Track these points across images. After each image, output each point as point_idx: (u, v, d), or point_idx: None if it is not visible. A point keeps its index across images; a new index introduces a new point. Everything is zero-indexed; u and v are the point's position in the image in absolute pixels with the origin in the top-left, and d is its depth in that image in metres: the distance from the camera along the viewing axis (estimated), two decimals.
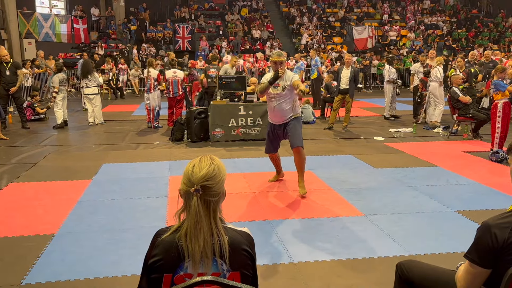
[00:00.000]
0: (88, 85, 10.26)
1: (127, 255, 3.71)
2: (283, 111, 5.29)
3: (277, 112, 5.33)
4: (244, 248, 1.70)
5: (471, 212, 4.72)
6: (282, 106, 5.28)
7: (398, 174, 6.20)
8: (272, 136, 5.54)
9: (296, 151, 5.23)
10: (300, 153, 5.22)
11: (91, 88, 10.28)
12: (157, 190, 5.46)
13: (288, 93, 5.24)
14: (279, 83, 5.22)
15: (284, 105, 5.27)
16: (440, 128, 9.62)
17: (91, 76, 10.25)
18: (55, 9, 22.94)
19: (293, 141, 5.24)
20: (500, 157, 6.89)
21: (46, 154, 7.40)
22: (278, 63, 5.16)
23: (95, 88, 10.33)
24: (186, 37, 20.84)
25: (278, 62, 5.17)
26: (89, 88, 10.28)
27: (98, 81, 10.59)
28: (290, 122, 5.31)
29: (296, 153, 5.24)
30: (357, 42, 21.90)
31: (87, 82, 10.24)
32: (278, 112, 5.32)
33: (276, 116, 5.37)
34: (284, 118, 5.33)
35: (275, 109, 5.34)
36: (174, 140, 8.44)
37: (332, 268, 3.51)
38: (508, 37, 24.06)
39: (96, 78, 10.45)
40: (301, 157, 5.24)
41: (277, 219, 4.55)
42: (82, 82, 10.37)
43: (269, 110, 5.50)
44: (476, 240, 1.86)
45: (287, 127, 5.32)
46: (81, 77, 10.38)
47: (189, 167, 1.69)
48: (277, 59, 5.18)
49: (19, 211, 4.76)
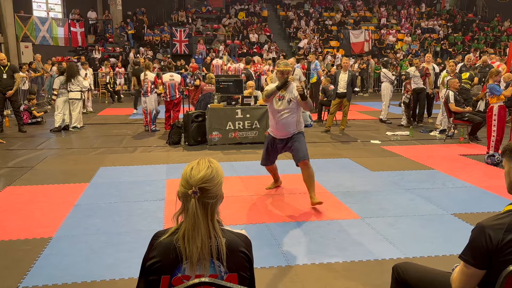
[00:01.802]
0: (72, 89, 9.91)
1: (124, 258, 3.71)
2: (287, 125, 4.99)
3: (280, 126, 5.02)
4: (242, 250, 1.71)
5: (467, 214, 4.75)
6: (286, 121, 4.97)
7: (394, 177, 6.22)
8: (271, 149, 5.26)
9: (304, 165, 4.87)
10: (308, 166, 4.88)
11: (73, 93, 9.93)
12: (154, 194, 5.46)
13: (294, 106, 4.94)
14: (284, 95, 4.94)
15: (288, 119, 4.96)
16: (436, 131, 9.66)
17: (74, 80, 9.91)
18: (52, 13, 22.95)
19: (298, 154, 4.90)
20: (496, 160, 6.92)
21: (43, 157, 7.39)
22: (285, 73, 4.93)
23: (77, 93, 9.98)
24: (183, 40, 20.87)
25: (285, 72, 4.93)
26: (71, 93, 9.91)
27: (83, 85, 10.26)
28: (294, 136, 5.02)
29: (303, 168, 4.89)
30: (354, 46, 21.99)
31: (71, 86, 9.89)
32: (281, 127, 5.01)
33: (279, 130, 5.06)
34: (287, 133, 5.04)
35: (279, 123, 5.01)
36: (171, 143, 8.45)
37: (329, 271, 3.52)
38: (503, 41, 24.19)
39: (80, 82, 10.10)
40: (310, 171, 4.89)
41: (274, 222, 4.56)
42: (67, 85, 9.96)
43: (272, 123, 5.14)
44: (471, 241, 1.88)
45: (290, 142, 5.03)
46: (65, 81, 9.95)
47: (187, 169, 1.71)
48: (284, 68, 4.94)
49: (16, 215, 4.75)
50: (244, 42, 22.80)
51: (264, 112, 8.35)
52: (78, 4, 22.93)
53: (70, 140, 9.04)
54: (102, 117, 12.17)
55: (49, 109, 11.70)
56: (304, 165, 4.87)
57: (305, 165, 4.86)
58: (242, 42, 22.77)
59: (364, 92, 19.11)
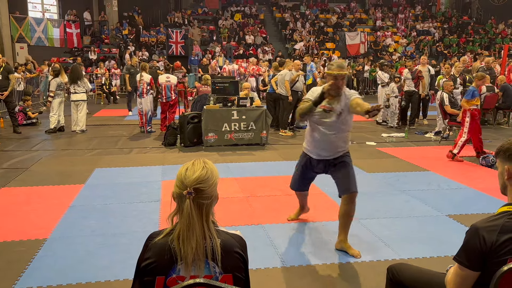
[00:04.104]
0: (77, 91, 9.87)
1: (119, 259, 3.70)
2: (333, 144, 3.84)
3: (323, 145, 3.86)
4: (237, 250, 1.71)
5: (462, 216, 4.77)
6: (332, 138, 3.80)
7: (390, 178, 6.24)
8: (307, 171, 4.13)
9: (351, 199, 3.81)
10: (354, 201, 3.83)
11: (80, 94, 9.89)
12: (149, 195, 5.45)
13: (346, 121, 3.78)
14: (332, 106, 3.72)
15: (336, 136, 3.80)
16: (431, 133, 9.70)
17: (80, 81, 9.91)
18: (48, 14, 22.88)
19: (346, 185, 3.83)
20: (491, 161, 6.97)
21: (38, 158, 7.36)
22: (340, 78, 3.62)
23: (83, 94, 9.96)
24: (179, 42, 20.86)
25: (340, 77, 3.61)
26: (77, 94, 9.87)
27: (88, 86, 10.26)
28: (340, 159, 3.90)
29: (348, 201, 3.81)
30: (349, 47, 22.05)
31: (76, 88, 9.86)
32: (325, 145, 3.86)
33: (322, 150, 3.89)
34: (331, 153, 3.89)
35: (322, 141, 3.85)
36: (167, 144, 8.44)
37: (324, 272, 3.53)
38: (498, 43, 24.34)
39: (85, 83, 10.10)
40: (353, 207, 3.84)
41: (269, 223, 4.56)
42: (70, 87, 9.98)
43: (311, 139, 3.96)
44: (465, 243, 1.89)
45: (334, 165, 3.93)
46: (70, 83, 9.95)
47: (182, 170, 1.71)
48: (338, 72, 3.59)
49: (11, 216, 4.73)
50: (241, 44, 22.81)
51: (260, 113, 8.37)
52: (73, 5, 22.88)
53: (65, 141, 9.00)
54: (98, 118, 12.14)
55: (44, 110, 11.63)
56: (350, 199, 3.82)
57: (352, 199, 3.82)
58: (239, 45, 22.76)
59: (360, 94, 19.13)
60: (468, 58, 15.95)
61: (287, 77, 9.63)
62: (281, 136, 9.62)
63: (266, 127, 8.46)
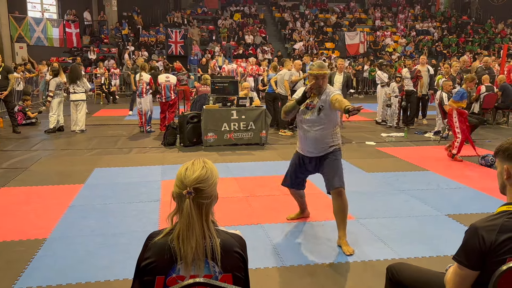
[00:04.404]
0: (76, 91, 9.84)
1: (119, 259, 3.70)
2: (319, 141, 3.97)
3: (310, 142, 4.00)
4: (236, 250, 1.72)
5: (461, 215, 4.78)
6: (318, 135, 3.94)
7: (389, 178, 6.25)
8: (299, 169, 4.24)
9: (337, 194, 3.92)
10: (342, 196, 3.93)
11: (79, 94, 9.87)
12: (149, 195, 5.46)
13: (327, 117, 3.91)
14: (314, 103, 3.93)
15: (321, 133, 3.94)
16: (431, 133, 9.71)
17: (79, 81, 9.89)
18: (47, 13, 22.87)
19: (332, 181, 3.94)
20: (490, 161, 6.97)
21: (37, 158, 7.36)
22: (320, 78, 3.85)
23: (82, 94, 9.94)
24: (179, 41, 20.86)
25: (320, 76, 3.84)
26: (76, 94, 9.84)
27: (87, 86, 10.23)
28: (328, 156, 4.00)
29: (336, 197, 3.94)
30: (349, 47, 22.05)
31: (75, 88, 9.83)
32: (311, 142, 4.00)
33: (308, 146, 4.04)
34: (319, 150, 4.02)
35: (308, 138, 4.00)
36: (166, 144, 8.44)
37: (324, 272, 3.53)
38: (497, 43, 24.35)
39: (84, 83, 10.08)
40: (343, 202, 3.93)
41: (269, 223, 4.56)
42: (70, 87, 9.96)
43: (300, 137, 4.15)
44: (464, 243, 1.89)
45: (323, 162, 4.03)
46: (69, 83, 9.94)
47: (182, 170, 1.71)
48: (318, 72, 3.83)
49: (10, 216, 4.73)
50: (240, 44, 22.81)
51: (259, 113, 8.37)
52: (73, 5, 22.87)
53: (65, 141, 9.00)
54: (97, 118, 12.14)
55: (43, 110, 11.63)
56: (337, 194, 3.92)
57: (339, 194, 3.92)
58: (239, 45, 22.76)
59: (359, 94, 19.17)
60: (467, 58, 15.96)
61: (287, 77, 9.64)
62: (281, 136, 9.62)
63: (266, 127, 8.47)
